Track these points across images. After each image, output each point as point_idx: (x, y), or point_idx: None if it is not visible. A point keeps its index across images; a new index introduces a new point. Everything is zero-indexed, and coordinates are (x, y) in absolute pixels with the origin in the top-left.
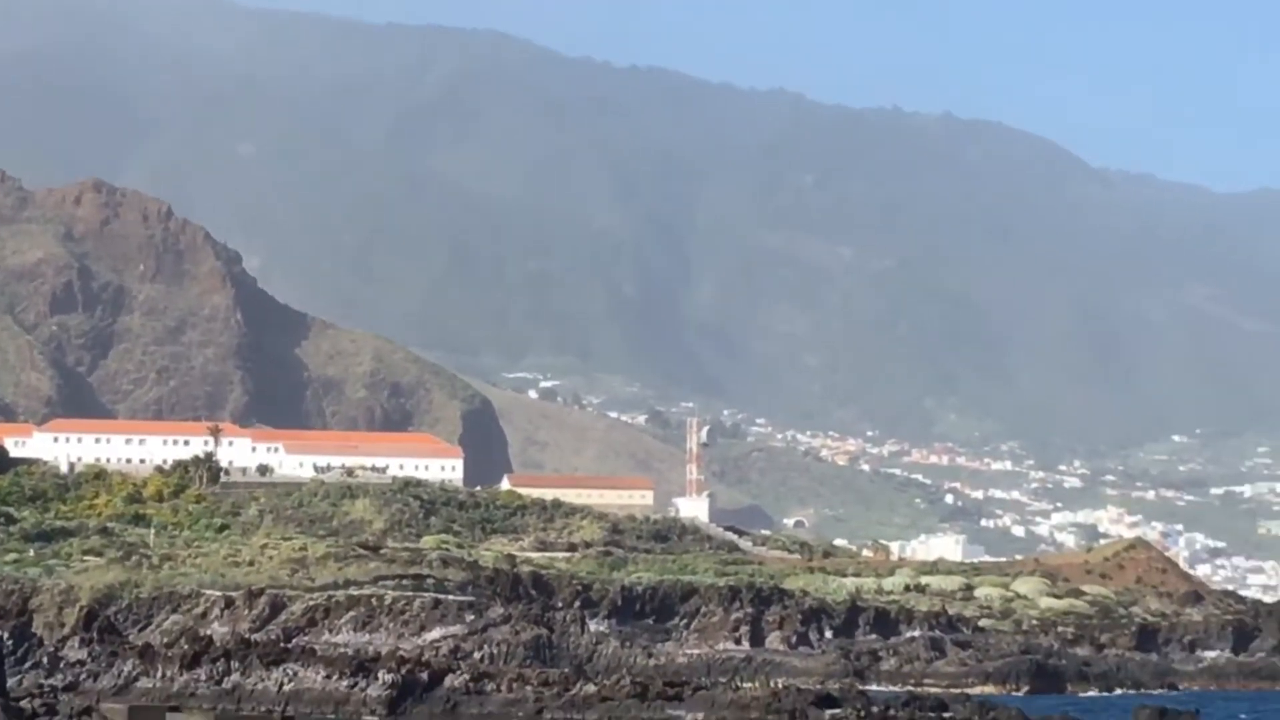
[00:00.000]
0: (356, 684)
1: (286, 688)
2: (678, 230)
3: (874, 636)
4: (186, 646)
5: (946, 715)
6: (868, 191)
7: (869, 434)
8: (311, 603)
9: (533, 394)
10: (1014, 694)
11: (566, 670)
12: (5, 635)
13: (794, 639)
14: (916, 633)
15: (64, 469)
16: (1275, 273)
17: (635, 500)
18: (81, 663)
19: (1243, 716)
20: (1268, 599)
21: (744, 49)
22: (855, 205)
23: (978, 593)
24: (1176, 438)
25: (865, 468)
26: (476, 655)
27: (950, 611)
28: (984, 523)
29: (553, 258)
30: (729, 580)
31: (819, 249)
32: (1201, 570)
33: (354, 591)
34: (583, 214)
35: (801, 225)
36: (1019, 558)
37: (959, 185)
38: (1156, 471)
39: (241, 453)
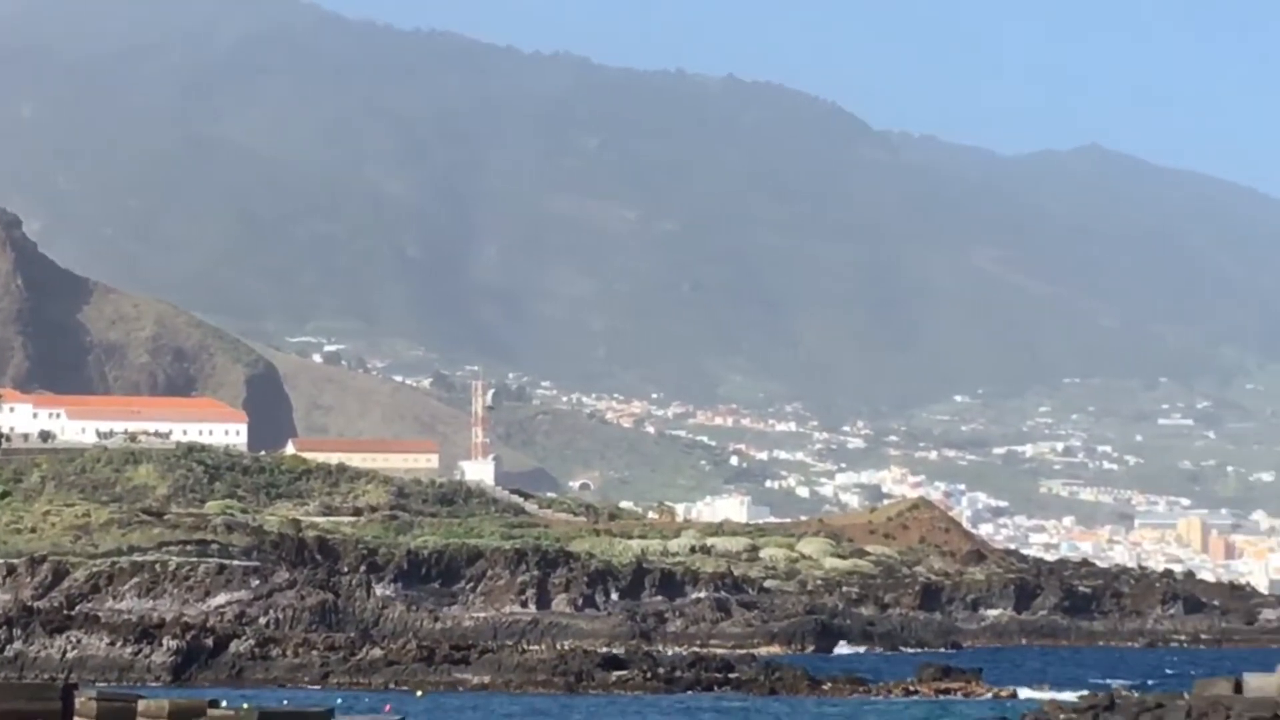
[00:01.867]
0: (141, 650)
1: (70, 655)
2: (463, 194)
3: (660, 598)
4: None
5: (732, 675)
6: (652, 154)
7: (654, 396)
8: (95, 569)
9: (317, 358)
10: (799, 654)
11: (352, 635)
12: None
13: (580, 601)
14: (702, 594)
15: None
16: (1057, 234)
17: (421, 464)
18: None
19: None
20: (1049, 557)
21: (528, 12)
22: (640, 168)
23: (763, 554)
24: (959, 398)
25: (650, 430)
26: (262, 620)
27: (735, 572)
28: (768, 484)
29: (338, 221)
30: (515, 543)
31: (603, 212)
32: (984, 529)
33: (138, 558)
34: (368, 178)
35: (586, 188)
36: (803, 518)
37: (743, 147)
38: (939, 432)
39: (23, 419)
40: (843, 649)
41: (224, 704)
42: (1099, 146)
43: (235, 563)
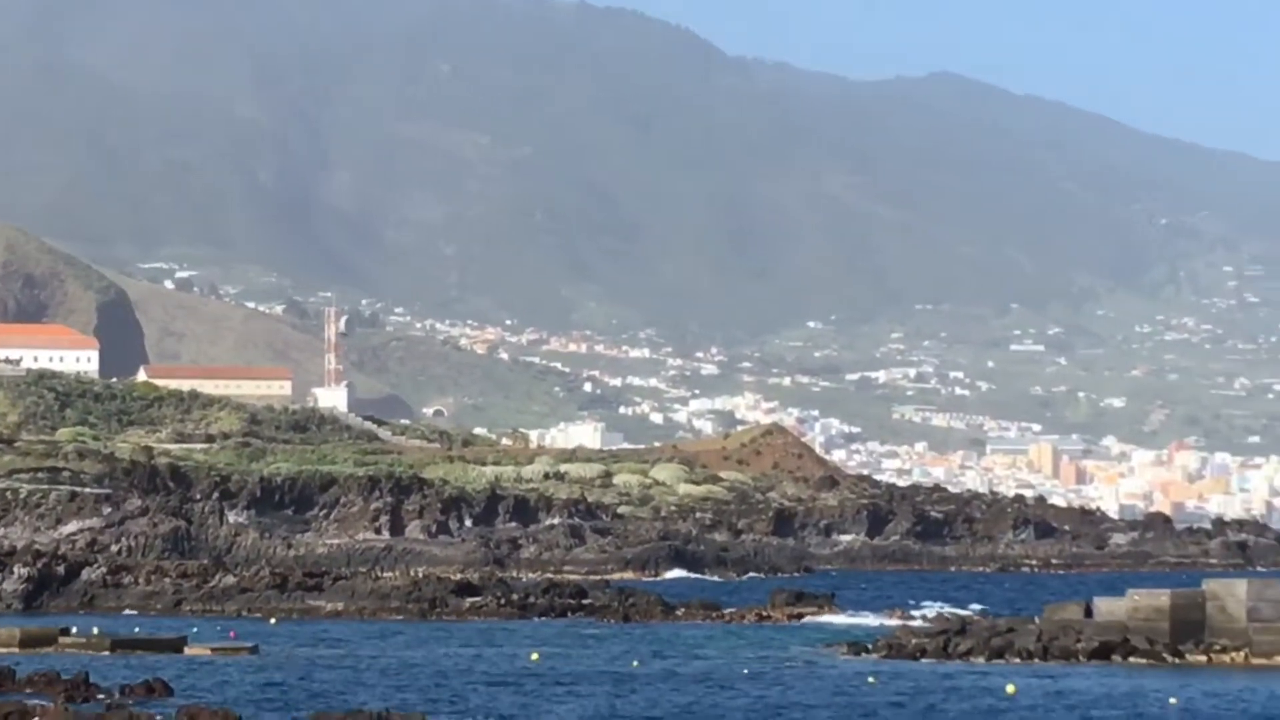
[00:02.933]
0: None
1: None
2: (315, 120)
3: (514, 525)
4: None
5: (586, 601)
6: (505, 80)
7: (507, 322)
8: None
9: (169, 284)
10: (653, 578)
11: (205, 562)
12: None
13: (434, 528)
14: (556, 521)
15: None
16: (908, 161)
17: (273, 390)
18: None
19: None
20: (901, 483)
21: None
22: (493, 94)
23: (616, 480)
24: (812, 325)
25: (504, 356)
26: (114, 548)
27: (589, 499)
28: (622, 410)
29: (190, 147)
30: (368, 470)
31: (457, 138)
32: (837, 455)
33: None
34: (221, 103)
35: (439, 114)
36: (657, 444)
37: (596, 73)
38: (792, 358)
39: None
40: (698, 573)
41: (75, 631)
42: (951, 73)
43: (87, 490)
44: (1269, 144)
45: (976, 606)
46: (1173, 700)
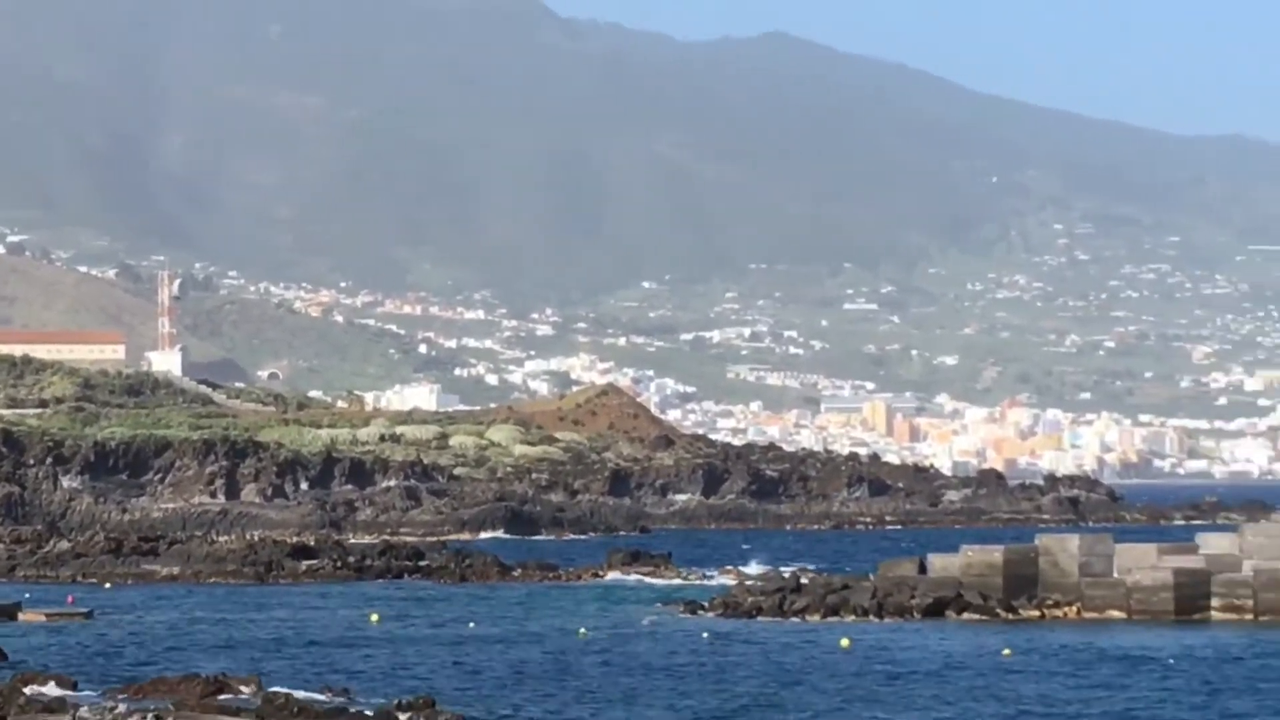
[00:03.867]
0: None
1: None
2: (145, 81)
3: (350, 487)
4: None
5: (423, 563)
6: (336, 42)
7: (342, 285)
8: None
9: (0, 249)
10: (489, 539)
11: (39, 528)
12: None
13: (269, 491)
14: (392, 482)
15: None
16: (738, 120)
17: (107, 355)
18: None
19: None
20: (737, 442)
21: None
22: (324, 55)
23: (452, 441)
24: (646, 284)
25: (339, 319)
26: None
27: (425, 461)
28: (458, 371)
29: (15, 109)
30: (203, 434)
31: (289, 100)
32: (672, 415)
33: None
34: (45, 64)
35: (270, 75)
36: (493, 406)
37: (427, 33)
38: (627, 318)
39: None
40: (534, 533)
41: None
42: (781, 33)
43: None
44: (1098, 102)
45: (795, 566)
46: (1006, 651)
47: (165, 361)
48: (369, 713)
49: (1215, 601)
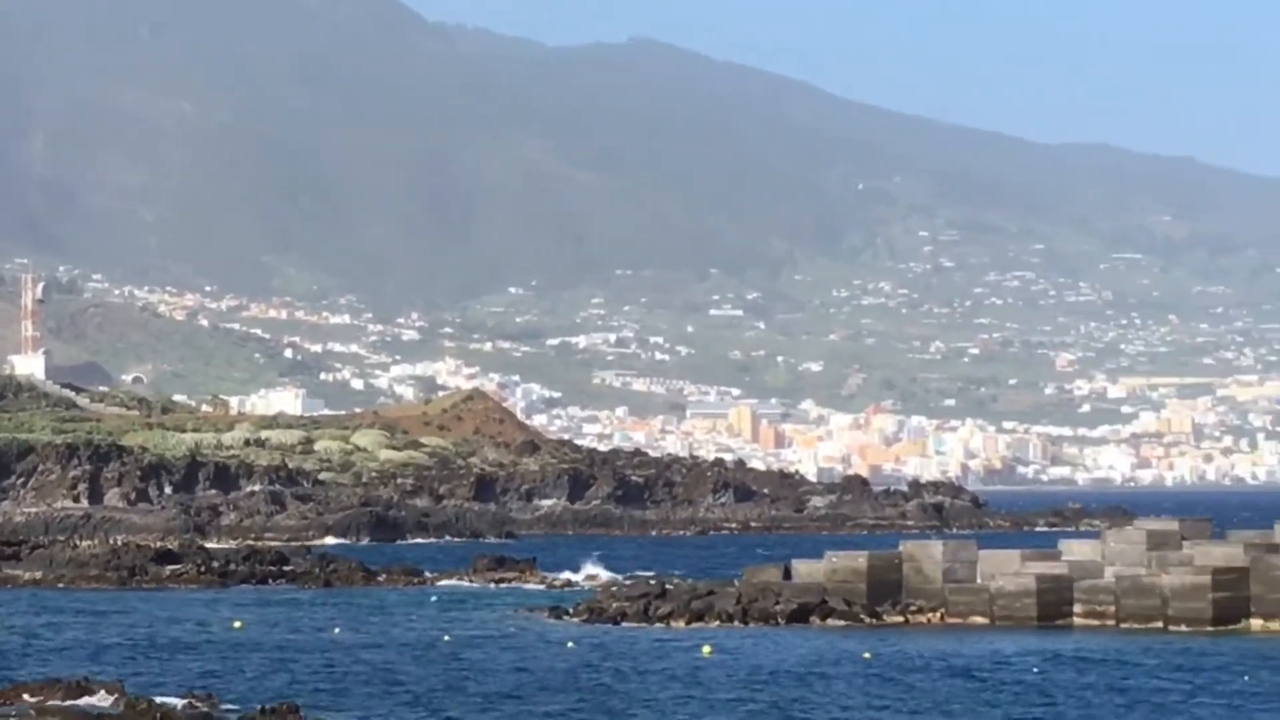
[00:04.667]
0: None
1: None
2: (11, 81)
3: (214, 492)
4: None
5: (287, 568)
6: (205, 45)
7: (207, 289)
8: None
9: None
10: (354, 545)
11: None
12: None
13: (133, 495)
14: (257, 487)
15: None
16: (606, 126)
17: None
18: None
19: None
20: (602, 447)
21: None
22: (192, 59)
23: (317, 446)
24: (513, 290)
25: (204, 323)
26: None
27: (290, 465)
28: (323, 376)
29: None
30: (66, 438)
31: (156, 103)
32: (538, 420)
33: None
34: None
35: (137, 78)
36: (358, 411)
37: (296, 38)
38: (493, 324)
39: None
40: (399, 539)
41: None
42: (651, 39)
43: None
44: (965, 110)
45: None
46: (866, 655)
47: (28, 365)
48: (232, 719)
49: (1078, 608)
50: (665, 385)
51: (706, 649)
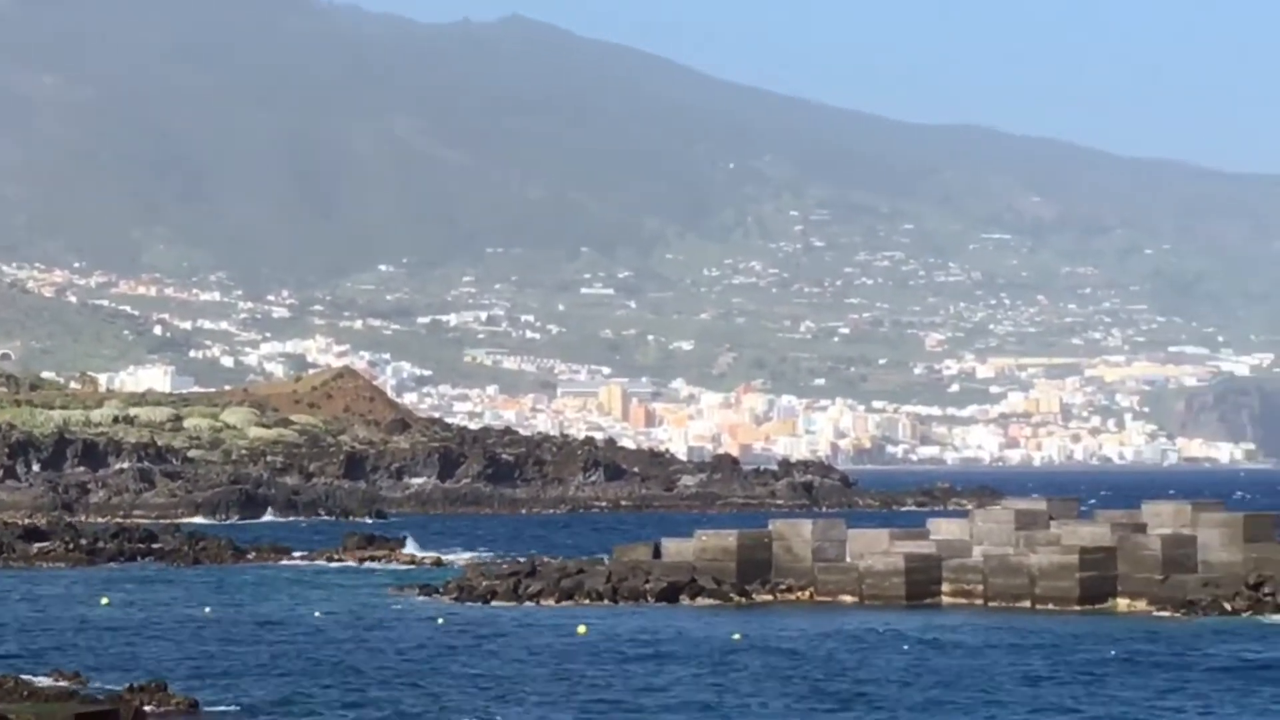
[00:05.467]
0: None
1: None
2: None
3: (82, 469)
4: None
5: (156, 546)
6: (70, 19)
7: (76, 265)
8: None
9: None
10: (223, 522)
11: None
12: None
13: (0, 473)
14: (125, 464)
15: None
16: (477, 103)
17: None
18: None
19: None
20: (473, 426)
21: None
22: (59, 33)
23: (186, 423)
24: (383, 268)
25: (73, 299)
26: None
27: (159, 443)
28: (193, 353)
29: None
30: None
31: (22, 77)
32: (409, 398)
33: None
34: None
35: (4, 53)
36: (228, 388)
37: (164, 12)
38: (364, 301)
39: None
40: (269, 516)
41: None
42: (521, 16)
43: None
44: (835, 90)
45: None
46: (736, 636)
47: None
48: (101, 697)
49: (946, 587)
50: (536, 364)
51: (582, 628)
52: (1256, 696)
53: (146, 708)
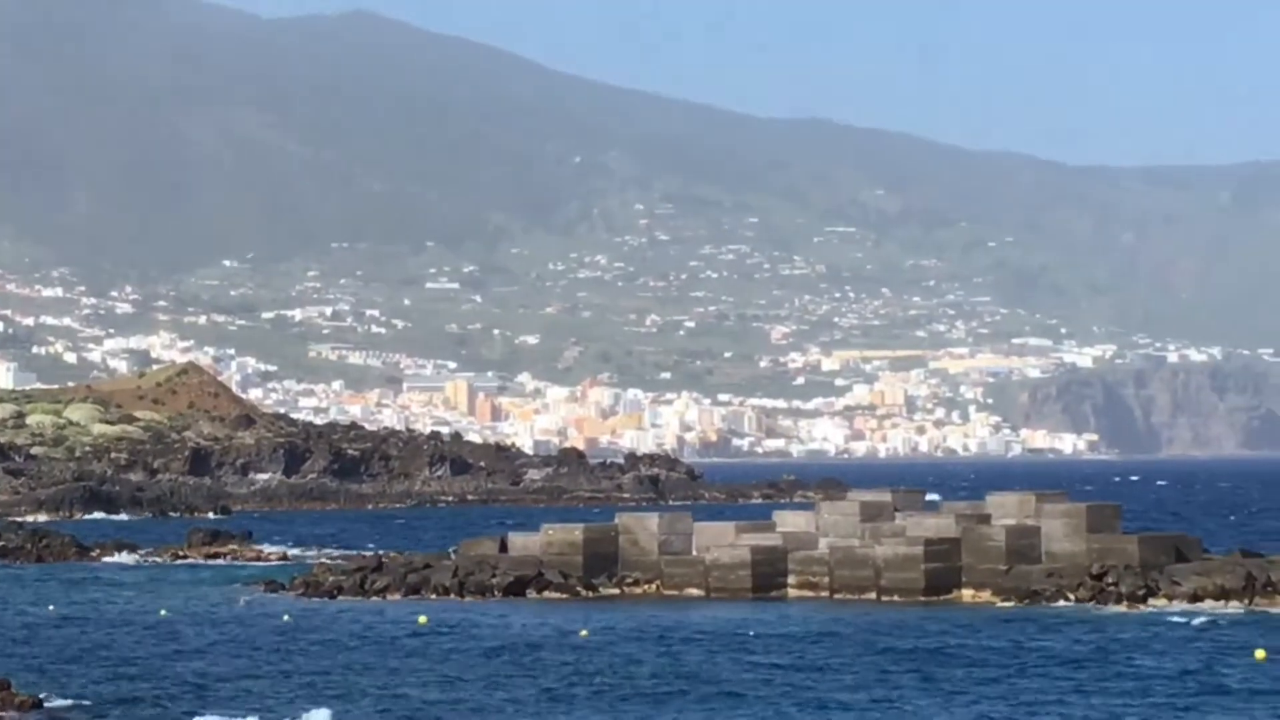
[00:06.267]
0: None
1: None
2: None
3: None
4: None
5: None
6: None
7: None
8: None
9: None
10: (67, 519)
11: None
12: None
13: None
14: None
15: None
16: (322, 98)
17: None
18: None
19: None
20: (319, 421)
21: None
22: None
23: (29, 420)
24: (227, 263)
25: None
26: None
27: (1, 439)
28: (36, 350)
29: None
30: None
31: None
32: (254, 394)
33: None
34: None
35: None
36: (71, 384)
37: (4, 6)
38: (208, 297)
39: None
40: (113, 514)
41: None
42: (366, 11)
43: None
44: (680, 84)
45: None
46: (583, 633)
47: None
48: None
49: (792, 579)
50: (381, 358)
51: (422, 619)
52: (998, 686)
53: None
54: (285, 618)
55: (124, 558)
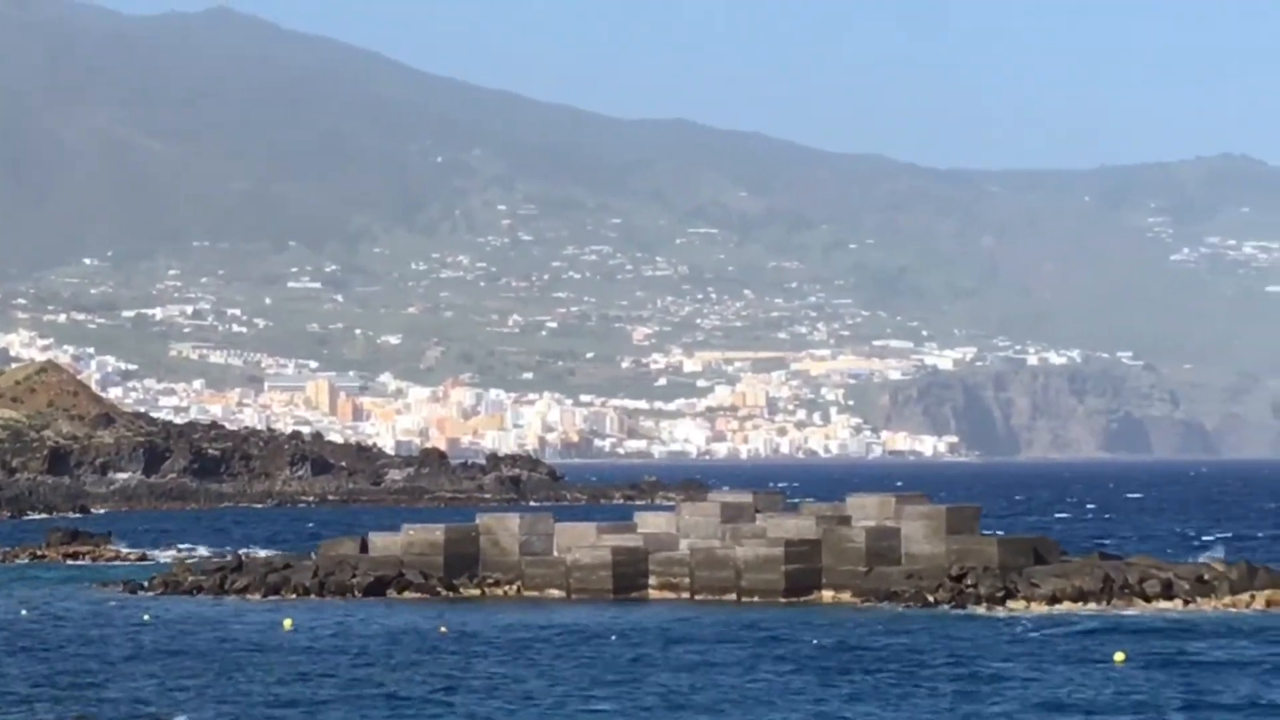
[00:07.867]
0: None
1: None
2: None
3: None
4: None
5: None
6: None
7: None
8: None
9: None
10: None
11: None
12: None
13: None
14: None
15: None
16: (185, 96)
17: None
18: None
19: None
20: (179, 420)
21: None
22: None
23: None
24: (88, 260)
25: None
26: None
27: None
28: None
29: None
30: None
31: None
32: (114, 393)
33: None
34: None
35: None
36: None
37: None
38: (68, 294)
39: None
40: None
41: None
42: (227, 9)
43: None
44: (542, 84)
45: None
46: (443, 629)
47: None
48: None
49: (653, 580)
50: (243, 358)
51: (287, 622)
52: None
53: None
54: (145, 617)
55: None
